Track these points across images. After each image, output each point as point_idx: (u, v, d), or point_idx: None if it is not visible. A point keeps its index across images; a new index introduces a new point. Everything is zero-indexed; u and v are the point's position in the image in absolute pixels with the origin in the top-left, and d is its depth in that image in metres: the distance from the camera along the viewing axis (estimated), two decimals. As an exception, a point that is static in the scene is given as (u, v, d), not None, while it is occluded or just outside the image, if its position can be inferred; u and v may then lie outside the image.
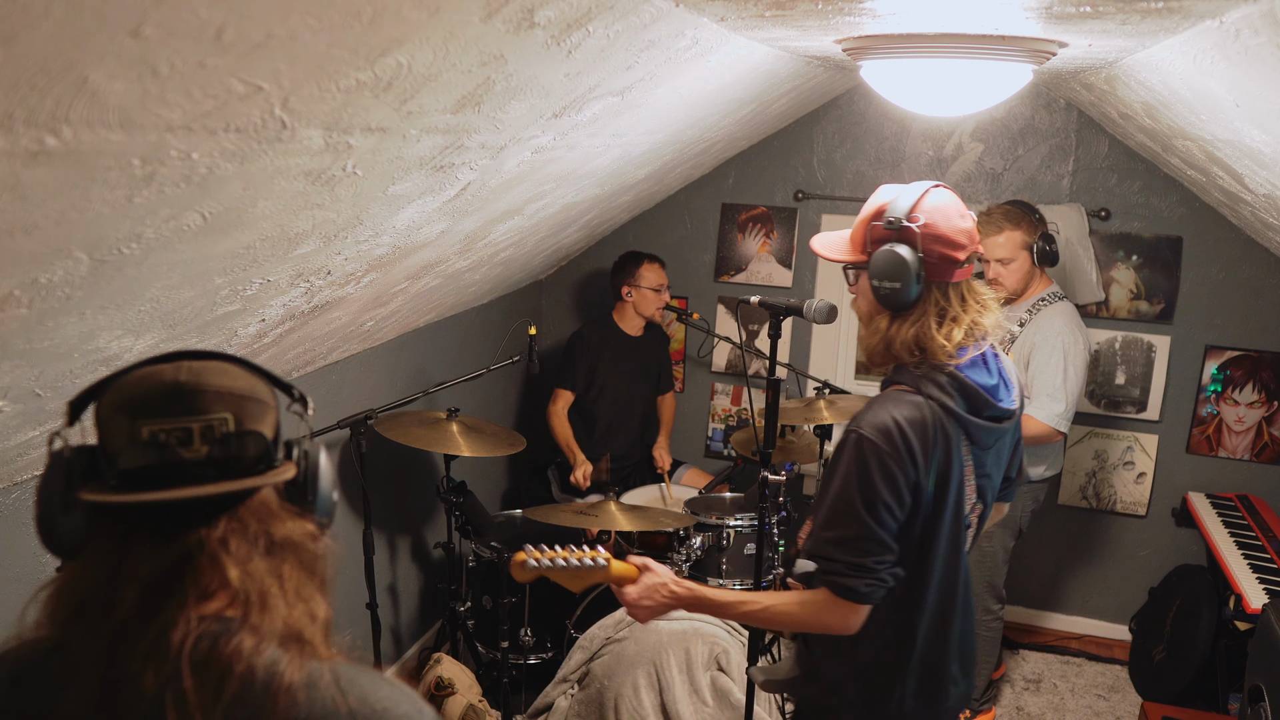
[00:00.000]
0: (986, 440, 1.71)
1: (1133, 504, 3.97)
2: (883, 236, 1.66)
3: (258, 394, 0.97)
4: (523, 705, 3.11)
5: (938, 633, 1.75)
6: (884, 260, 1.63)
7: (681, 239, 4.31)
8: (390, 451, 3.25)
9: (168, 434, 0.90)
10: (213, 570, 0.91)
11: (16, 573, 1.94)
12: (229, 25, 0.90)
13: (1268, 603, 2.74)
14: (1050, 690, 3.69)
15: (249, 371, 0.99)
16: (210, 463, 0.92)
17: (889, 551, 1.62)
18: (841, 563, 1.62)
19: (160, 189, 1.18)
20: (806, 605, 1.69)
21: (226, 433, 0.93)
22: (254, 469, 0.95)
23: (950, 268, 1.65)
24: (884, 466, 1.59)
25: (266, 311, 2.00)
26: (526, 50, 1.38)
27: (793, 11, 1.64)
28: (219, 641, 0.90)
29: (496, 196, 2.27)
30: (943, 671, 1.77)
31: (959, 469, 1.67)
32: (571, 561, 1.74)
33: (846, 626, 1.66)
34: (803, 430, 3.68)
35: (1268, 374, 3.73)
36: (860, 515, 1.60)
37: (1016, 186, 3.86)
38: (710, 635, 2.87)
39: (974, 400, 1.66)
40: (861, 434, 1.62)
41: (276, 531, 0.96)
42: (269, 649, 0.92)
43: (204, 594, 0.91)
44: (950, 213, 1.66)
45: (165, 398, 0.92)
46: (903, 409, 1.62)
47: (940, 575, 1.71)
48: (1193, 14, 1.48)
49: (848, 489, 1.61)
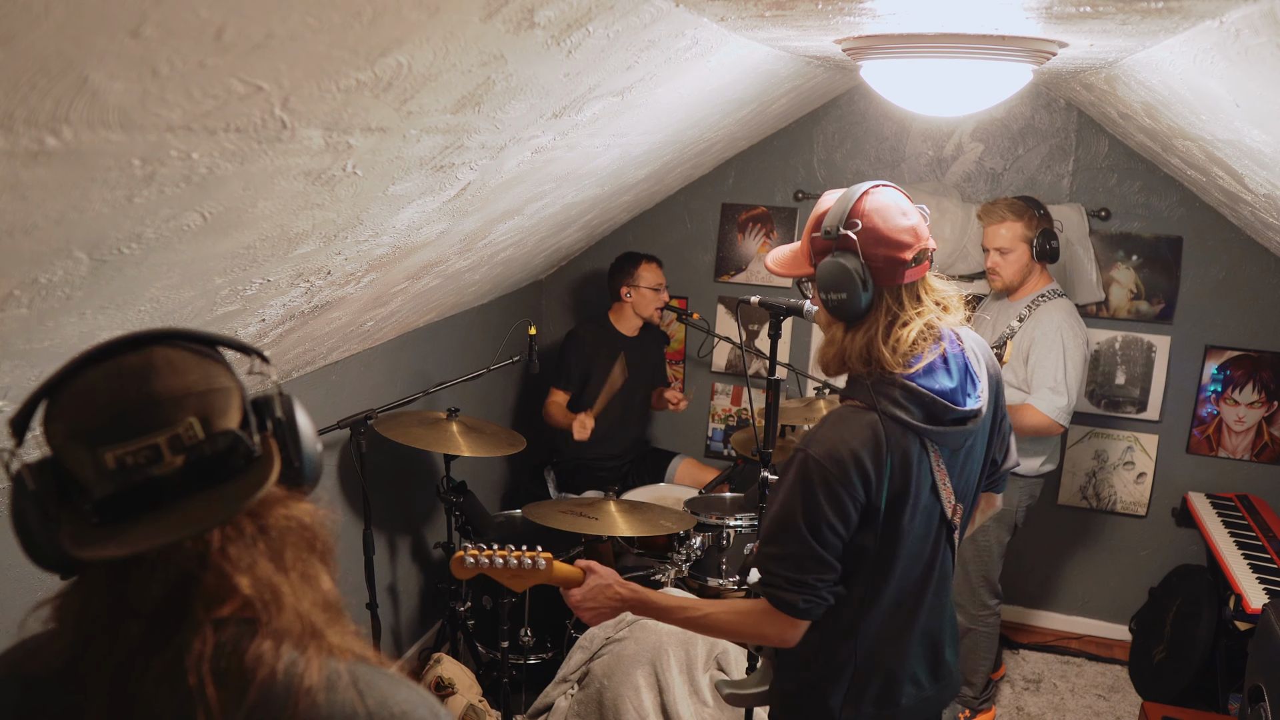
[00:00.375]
0: (954, 443, 1.66)
1: (1133, 504, 3.97)
2: (824, 248, 1.61)
3: (215, 381, 0.90)
4: (523, 705, 3.11)
5: (898, 639, 1.72)
6: (826, 272, 1.59)
7: (681, 239, 4.31)
8: (390, 451, 3.25)
9: (135, 455, 0.84)
10: (219, 583, 0.88)
11: (16, 573, 1.94)
12: (229, 25, 0.90)
13: (1268, 603, 2.74)
14: (1050, 690, 3.69)
15: (194, 353, 0.91)
16: (188, 473, 0.86)
17: (830, 570, 1.61)
18: (781, 577, 1.61)
19: (160, 189, 1.18)
20: (745, 615, 1.69)
21: (196, 438, 0.86)
22: (234, 467, 0.89)
23: (898, 269, 1.59)
24: (829, 488, 1.57)
25: (266, 311, 2.00)
26: (526, 50, 1.38)
27: (793, 11, 1.64)
28: (240, 647, 0.88)
29: (496, 196, 2.27)
30: (899, 676, 1.74)
31: (924, 479, 1.63)
32: (510, 561, 1.78)
33: (784, 639, 1.66)
34: (803, 430, 3.69)
35: (1268, 374, 3.73)
36: (802, 534, 1.58)
37: (1016, 186, 3.86)
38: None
39: (931, 409, 1.60)
40: (809, 455, 1.59)
41: (273, 523, 0.92)
42: (287, 651, 0.90)
43: (215, 604, 0.88)
44: (890, 212, 1.59)
45: (120, 417, 0.85)
46: (852, 430, 1.59)
47: (897, 582, 1.68)
48: (1193, 14, 1.48)
49: (791, 508, 1.60)
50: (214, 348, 0.94)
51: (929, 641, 1.78)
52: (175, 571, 0.87)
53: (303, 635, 0.91)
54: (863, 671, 1.71)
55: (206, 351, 0.93)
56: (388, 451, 3.25)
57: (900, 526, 1.63)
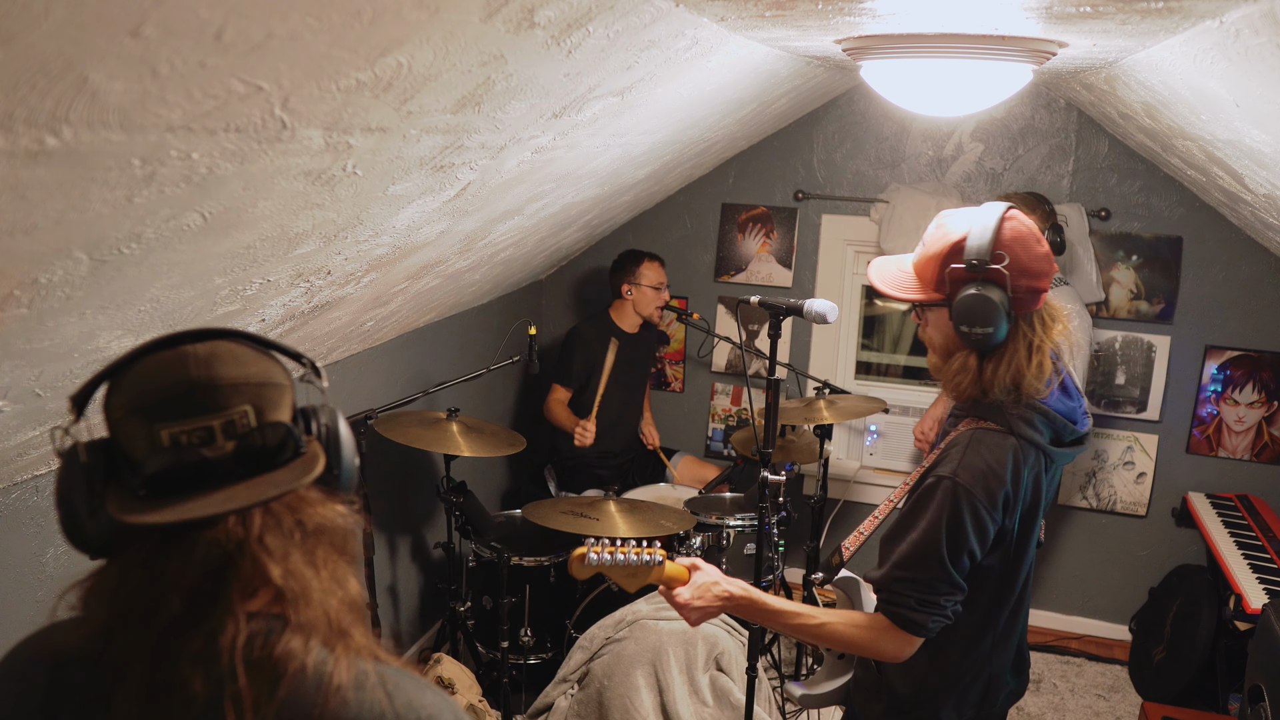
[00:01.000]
0: (1062, 463, 1.71)
1: (1133, 504, 3.97)
2: (964, 278, 1.58)
3: (273, 377, 0.94)
4: (523, 705, 3.11)
5: (1003, 646, 1.76)
6: (972, 305, 1.56)
7: (681, 239, 4.31)
8: (390, 451, 3.25)
9: (189, 435, 0.88)
10: (254, 570, 0.90)
11: (16, 573, 1.94)
12: (229, 25, 0.90)
13: (1268, 603, 2.74)
14: (1050, 690, 3.69)
15: (256, 349, 0.96)
16: (237, 459, 0.90)
17: (959, 591, 1.62)
18: (912, 599, 1.61)
19: (160, 189, 1.18)
20: (864, 630, 1.66)
21: (249, 426, 0.90)
22: (281, 459, 0.93)
23: (1037, 298, 1.60)
24: (976, 515, 1.57)
25: (266, 311, 2.00)
26: (526, 50, 1.38)
27: (793, 11, 1.64)
28: (270, 640, 0.90)
29: (496, 196, 2.27)
30: (1001, 679, 1.78)
31: (1044, 500, 1.68)
32: (630, 558, 1.70)
33: (899, 655, 1.65)
34: (803, 430, 3.69)
35: (1268, 374, 3.73)
36: (943, 562, 1.58)
37: (1016, 186, 3.86)
38: (710, 635, 2.87)
39: (1059, 430, 1.64)
40: (958, 482, 1.58)
41: (309, 520, 0.94)
42: (315, 647, 0.92)
43: (248, 592, 0.90)
44: (1029, 242, 1.58)
45: (181, 397, 0.89)
46: (997, 456, 1.59)
47: (1016, 600, 1.72)
48: (1193, 14, 1.48)
49: (935, 535, 1.59)
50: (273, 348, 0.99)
51: (1019, 646, 1.82)
52: (215, 553, 0.88)
53: (330, 633, 0.93)
54: (971, 679, 1.74)
55: (266, 347, 0.97)
56: (388, 451, 3.25)
57: (1027, 547, 1.67)
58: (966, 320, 1.57)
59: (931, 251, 1.63)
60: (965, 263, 1.56)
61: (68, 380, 1.61)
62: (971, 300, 1.56)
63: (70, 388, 1.63)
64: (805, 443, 3.62)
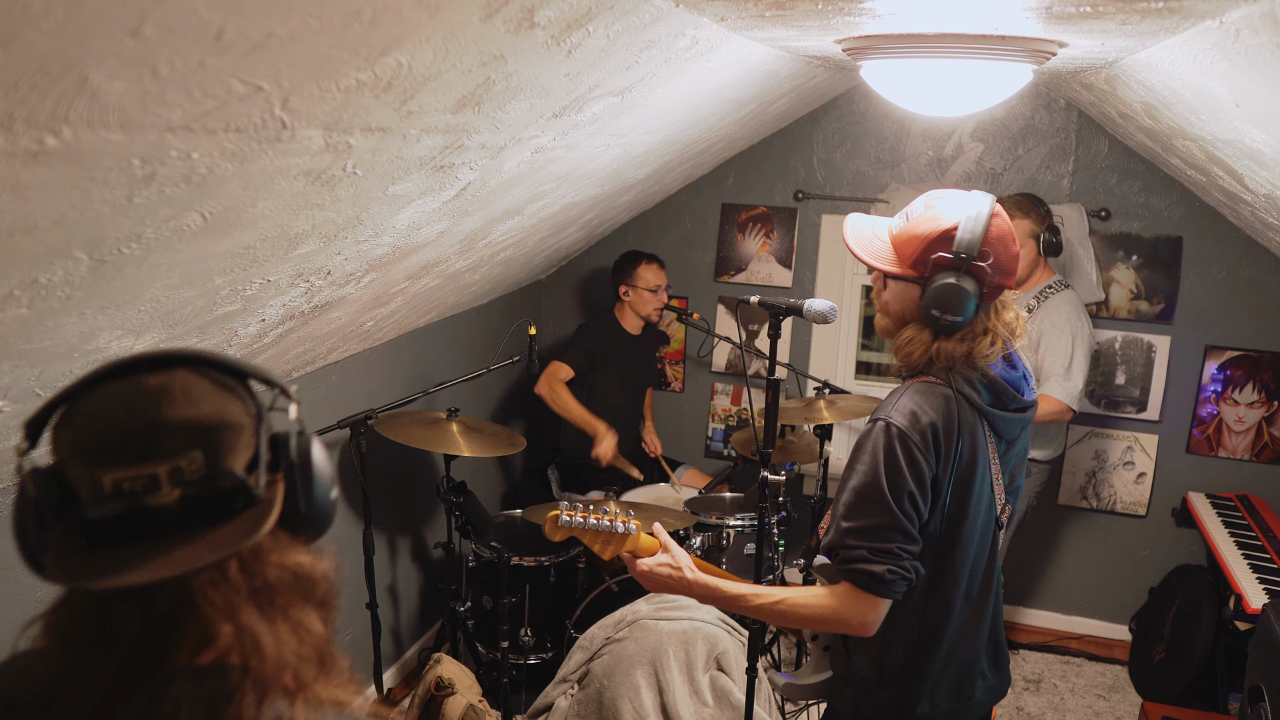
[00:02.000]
0: (1010, 432, 1.72)
1: (1133, 504, 3.97)
2: (948, 265, 1.62)
3: (228, 417, 0.87)
4: (523, 705, 3.11)
5: (970, 631, 1.75)
6: (949, 294, 1.61)
7: (681, 239, 4.31)
8: (390, 451, 3.25)
9: (133, 482, 0.82)
10: (199, 628, 0.85)
11: (15, 573, 1.94)
12: (229, 25, 0.90)
13: (1268, 603, 2.74)
14: (1050, 690, 3.69)
15: (215, 383, 0.88)
16: (183, 508, 0.83)
17: (913, 541, 1.61)
18: (864, 548, 1.59)
19: (160, 189, 1.18)
20: (824, 599, 1.64)
21: (198, 474, 0.84)
22: (233, 509, 0.86)
23: (1001, 292, 1.68)
24: (910, 455, 1.59)
25: (266, 311, 2.00)
26: (526, 50, 1.38)
27: (793, 11, 1.64)
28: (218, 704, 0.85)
29: (496, 196, 2.27)
30: (973, 668, 1.78)
31: (986, 467, 1.68)
32: (603, 523, 1.72)
33: (865, 624, 1.62)
34: (803, 430, 3.69)
35: (1268, 374, 3.73)
36: (887, 503, 1.58)
37: (1016, 186, 3.86)
38: (710, 635, 2.87)
39: (1001, 395, 1.68)
40: (891, 422, 1.61)
41: (264, 571, 0.88)
42: (270, 707, 0.87)
43: (197, 649, 0.85)
44: (1009, 241, 1.65)
45: (125, 442, 0.83)
46: (931, 400, 1.62)
47: (969, 574, 1.71)
48: (1193, 14, 1.48)
49: (874, 477, 1.59)
50: (241, 379, 0.91)
51: (992, 633, 1.82)
52: (156, 609, 0.84)
53: (289, 688, 0.88)
54: (941, 665, 1.73)
55: (229, 383, 0.90)
56: (388, 451, 3.25)
57: (966, 509, 1.66)
58: (939, 306, 1.62)
59: (918, 232, 1.66)
60: (954, 254, 1.60)
61: (67, 380, 1.61)
62: (950, 290, 1.61)
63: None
64: (805, 443, 3.62)
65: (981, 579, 1.75)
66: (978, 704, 1.80)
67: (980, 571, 1.74)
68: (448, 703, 2.82)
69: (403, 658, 3.63)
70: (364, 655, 3.09)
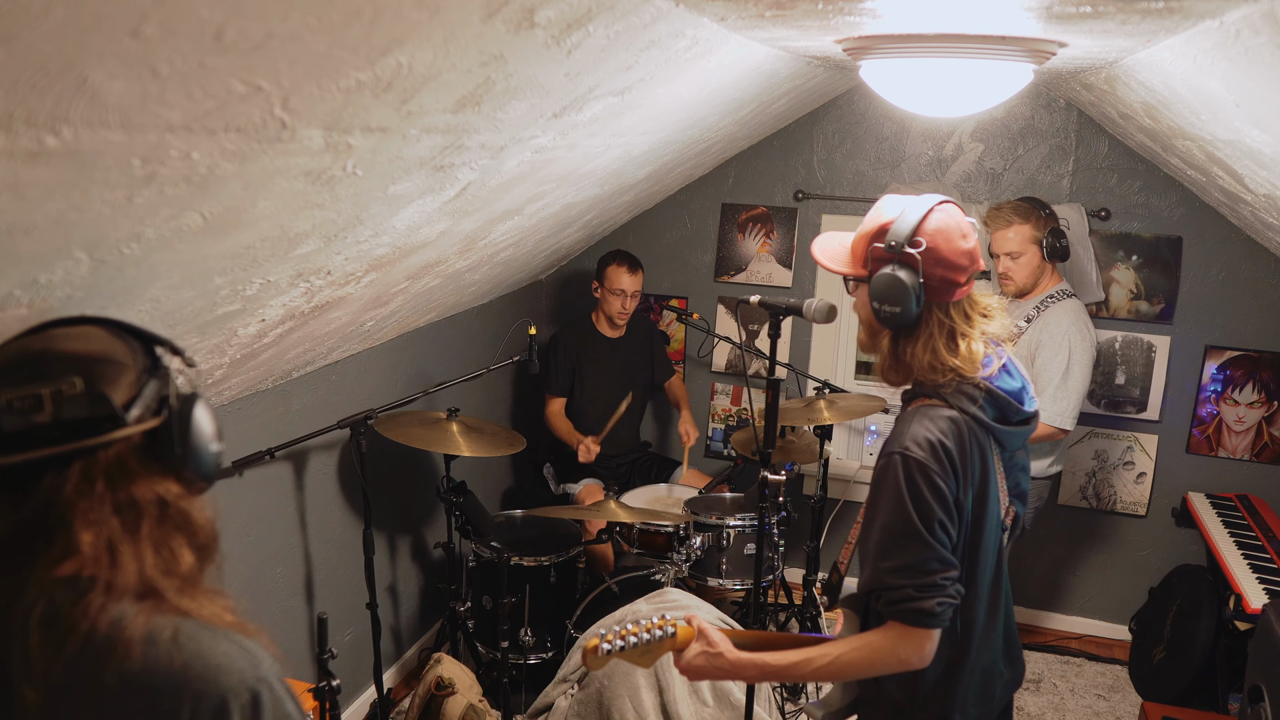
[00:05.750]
0: (1014, 444, 1.72)
1: (1133, 504, 3.97)
2: (883, 257, 1.64)
3: (112, 355, 1.01)
4: (523, 705, 3.11)
5: (988, 639, 1.75)
6: (884, 284, 1.62)
7: (681, 239, 4.31)
8: (390, 451, 3.25)
9: (20, 401, 0.96)
10: (64, 531, 0.96)
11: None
12: (229, 25, 0.90)
13: (1268, 603, 2.74)
14: (1050, 690, 3.69)
15: (114, 334, 1.03)
16: (57, 425, 0.95)
17: (952, 567, 1.60)
18: (908, 586, 1.57)
19: (160, 189, 1.18)
20: (877, 643, 1.62)
21: (74, 395, 0.97)
22: (103, 429, 0.97)
23: (951, 289, 1.64)
24: (932, 483, 1.57)
25: (266, 311, 2.00)
26: (526, 50, 1.38)
27: (793, 11, 1.64)
28: (67, 601, 0.95)
29: (496, 196, 2.27)
30: (993, 671, 1.77)
31: (994, 479, 1.68)
32: (644, 637, 1.67)
33: (922, 658, 1.61)
34: (803, 430, 3.69)
35: (1268, 374, 3.73)
36: (921, 535, 1.57)
37: (1016, 186, 3.86)
38: (710, 635, 2.87)
39: (1004, 409, 1.67)
40: (908, 454, 1.59)
41: (132, 490, 0.99)
42: (117, 606, 0.96)
43: (59, 555, 0.96)
44: (952, 234, 1.63)
45: (18, 366, 0.98)
46: (940, 424, 1.61)
47: (988, 583, 1.71)
48: (1193, 14, 1.48)
49: (903, 513, 1.58)
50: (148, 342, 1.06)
51: (1006, 630, 1.81)
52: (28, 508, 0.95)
53: (141, 594, 0.98)
54: (968, 677, 1.72)
55: (125, 337, 1.04)
56: (388, 451, 3.25)
57: (984, 524, 1.66)
58: (879, 297, 1.64)
59: (864, 229, 1.70)
60: (886, 244, 1.63)
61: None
62: (883, 279, 1.63)
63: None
64: (805, 443, 3.62)
65: (996, 587, 1.75)
66: (999, 701, 1.81)
67: (994, 580, 1.74)
68: (448, 703, 2.82)
69: (403, 657, 3.63)
70: (364, 655, 3.09)
